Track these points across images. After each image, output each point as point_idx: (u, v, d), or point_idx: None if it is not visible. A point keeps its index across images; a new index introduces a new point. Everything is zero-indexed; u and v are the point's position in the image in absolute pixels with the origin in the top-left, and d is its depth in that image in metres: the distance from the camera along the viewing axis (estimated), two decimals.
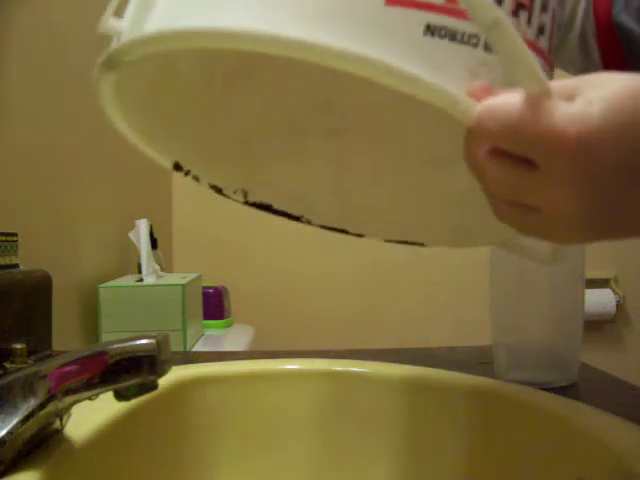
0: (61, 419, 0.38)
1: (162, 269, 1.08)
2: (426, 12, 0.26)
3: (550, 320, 0.56)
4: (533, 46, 0.30)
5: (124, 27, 0.30)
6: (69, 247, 0.89)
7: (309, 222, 0.42)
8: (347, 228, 0.42)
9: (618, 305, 1.73)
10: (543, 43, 0.31)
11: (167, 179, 1.66)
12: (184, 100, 0.37)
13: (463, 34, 0.27)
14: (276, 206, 0.41)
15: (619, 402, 0.51)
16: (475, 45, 0.27)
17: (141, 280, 0.99)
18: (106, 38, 0.32)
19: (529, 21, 0.29)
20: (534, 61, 0.25)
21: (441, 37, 0.27)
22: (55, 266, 0.73)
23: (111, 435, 0.43)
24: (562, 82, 0.27)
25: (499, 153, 0.27)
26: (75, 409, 0.37)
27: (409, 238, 0.42)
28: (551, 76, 0.33)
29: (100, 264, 1.02)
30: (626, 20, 0.45)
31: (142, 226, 1.05)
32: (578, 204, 0.26)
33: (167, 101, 0.36)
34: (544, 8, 0.30)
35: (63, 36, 0.87)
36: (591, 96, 0.25)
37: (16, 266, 0.62)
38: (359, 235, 0.43)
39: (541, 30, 0.30)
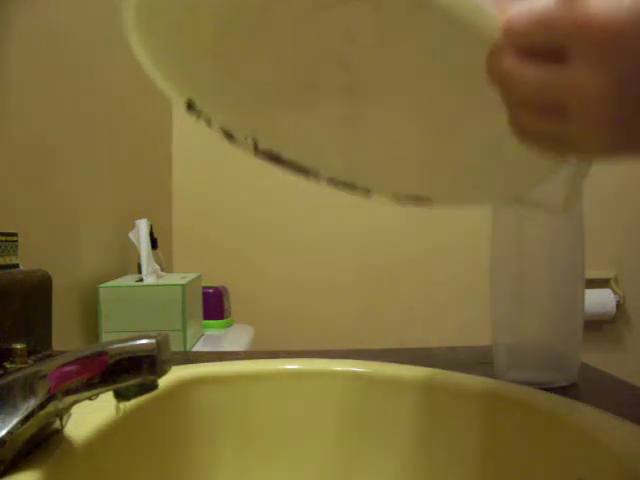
0: (61, 419, 0.38)
1: (162, 269, 1.08)
2: None
3: (550, 320, 0.56)
4: None
5: None
6: (69, 247, 0.89)
7: (316, 176, 0.41)
8: (355, 182, 0.41)
9: (618, 305, 1.73)
10: None
11: (167, 179, 1.66)
12: (203, 41, 0.36)
13: None
14: (285, 156, 0.40)
15: (619, 402, 0.51)
16: None
17: (141, 280, 0.99)
18: (106, 38, 0.33)
19: None
20: None
21: None
22: (55, 266, 0.73)
23: (111, 435, 0.43)
24: None
25: (527, 53, 0.27)
26: (75, 409, 0.37)
27: (417, 193, 0.41)
28: None
29: (100, 264, 1.02)
30: None
31: (142, 226, 1.05)
32: (608, 90, 0.26)
33: (186, 40, 0.36)
34: None
35: (63, 36, 0.87)
36: None
37: (16, 266, 0.62)
38: (366, 190, 0.42)
39: None
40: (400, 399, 0.55)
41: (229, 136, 0.39)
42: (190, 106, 0.38)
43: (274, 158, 0.40)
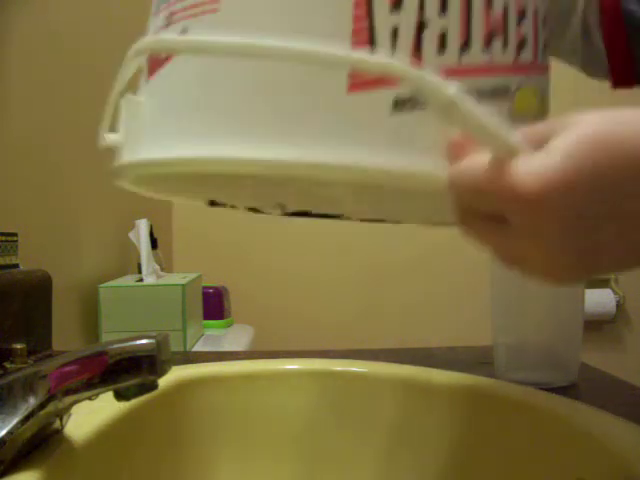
0: (61, 419, 0.38)
1: (162, 269, 1.08)
2: (392, 88, 0.26)
3: (550, 320, 0.56)
4: (514, 66, 0.30)
5: (119, 142, 0.32)
6: (69, 247, 0.89)
7: (349, 218, 0.44)
8: (385, 218, 0.44)
9: (618, 305, 1.73)
10: (526, 55, 0.31)
11: None
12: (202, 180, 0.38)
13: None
14: (314, 211, 0.42)
15: (619, 402, 0.51)
16: None
17: (141, 280, 0.99)
18: (106, 38, 0.33)
19: (505, 44, 0.29)
20: (497, 127, 0.25)
21: (410, 109, 0.27)
22: (55, 266, 0.73)
23: (111, 435, 0.43)
24: (533, 129, 0.27)
25: (476, 214, 0.28)
26: (75, 409, 0.37)
27: (444, 221, 0.43)
28: (543, 82, 0.33)
29: (100, 264, 1.02)
30: (636, 9, 0.45)
31: (142, 226, 1.05)
32: (549, 254, 0.27)
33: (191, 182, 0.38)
34: (521, 17, 0.30)
35: (63, 36, 0.87)
36: (552, 145, 0.25)
37: (16, 266, 0.62)
38: (397, 222, 0.43)
39: (521, 44, 0.30)
40: (400, 399, 0.55)
41: (257, 211, 0.42)
42: (213, 203, 0.40)
43: (305, 214, 0.42)
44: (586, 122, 0.26)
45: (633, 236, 0.27)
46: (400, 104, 0.26)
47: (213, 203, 0.40)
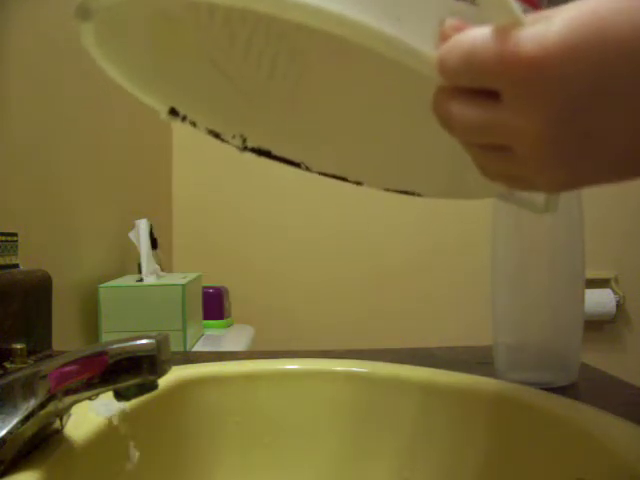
0: (61, 419, 0.38)
1: (162, 269, 1.08)
2: None
3: (550, 320, 0.56)
4: None
5: None
6: (69, 247, 0.89)
7: (308, 169, 0.41)
8: (346, 176, 0.41)
9: (618, 305, 1.73)
10: None
11: (167, 179, 1.66)
12: (177, 44, 0.36)
13: None
14: (275, 152, 0.40)
15: (619, 402, 0.51)
16: None
17: (141, 280, 0.99)
18: None
19: None
20: None
21: None
22: (55, 266, 0.73)
23: (111, 435, 0.43)
24: (537, 13, 0.26)
25: (462, 92, 0.26)
26: (75, 409, 0.37)
27: (407, 187, 0.41)
28: None
29: (100, 264, 1.02)
30: None
31: (142, 226, 1.05)
32: (544, 130, 0.25)
33: (161, 45, 0.35)
34: None
35: (63, 36, 0.87)
36: (554, 16, 0.24)
37: (16, 266, 0.62)
38: (358, 183, 0.42)
39: None
40: (400, 399, 0.55)
41: (216, 136, 0.39)
42: (173, 112, 0.38)
43: (264, 154, 0.40)
44: (588, 1, 0.25)
45: (629, 124, 0.25)
46: None
47: (174, 112, 0.37)
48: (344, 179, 0.42)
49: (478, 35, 0.25)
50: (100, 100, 1.03)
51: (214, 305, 1.30)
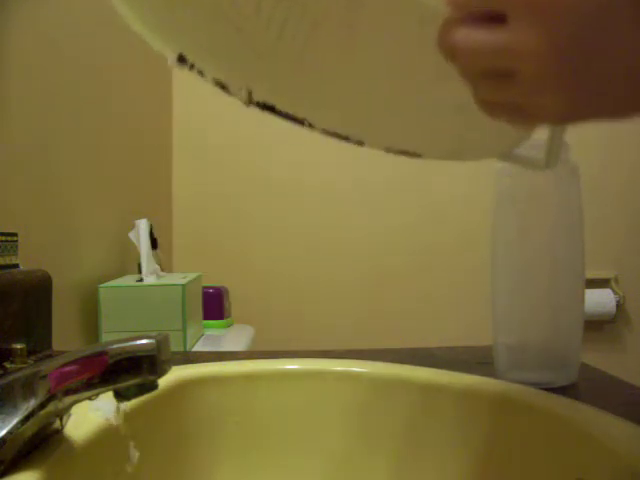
0: (61, 419, 0.38)
1: (162, 269, 1.08)
2: None
3: (550, 320, 0.56)
4: None
5: None
6: (69, 247, 0.89)
7: (311, 125, 0.41)
8: (348, 135, 0.41)
9: (618, 305, 1.73)
10: None
11: (167, 179, 1.66)
12: None
13: None
14: (279, 107, 0.40)
15: (619, 402, 0.51)
16: None
17: (141, 280, 0.99)
18: (106, 39, 0.32)
19: None
20: None
21: None
22: (55, 266, 0.73)
23: (111, 435, 0.43)
24: None
25: (468, 20, 0.27)
26: (75, 409, 0.37)
27: (409, 148, 0.41)
28: None
29: (100, 264, 1.02)
30: None
31: (142, 226, 1.05)
32: (549, 47, 0.25)
33: None
34: None
35: (63, 36, 0.87)
36: None
37: (16, 266, 0.62)
38: (359, 142, 0.42)
39: None
40: (400, 399, 0.55)
41: (223, 87, 0.39)
42: (181, 59, 0.37)
43: (268, 109, 0.40)
44: None
45: (636, 44, 0.25)
46: None
47: (182, 59, 0.37)
48: (346, 138, 0.42)
49: None
50: (100, 100, 1.03)
51: (214, 305, 1.30)
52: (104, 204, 1.06)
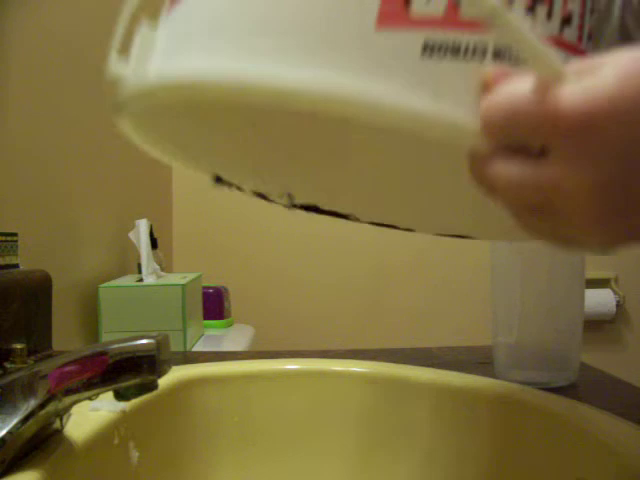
0: (61, 419, 0.38)
1: (162, 269, 1.08)
2: (423, 29, 0.24)
3: (550, 320, 0.56)
4: (556, 41, 0.28)
5: (128, 71, 0.29)
6: (69, 247, 0.89)
7: (357, 220, 0.41)
8: (395, 224, 0.41)
9: (618, 305, 1.73)
10: (569, 34, 0.28)
11: (167, 179, 1.66)
12: (213, 126, 0.35)
13: (467, 48, 0.25)
14: (323, 207, 0.40)
15: (619, 402, 0.51)
16: (483, 56, 0.25)
17: (141, 280, 0.99)
18: (106, 38, 0.32)
19: (549, 15, 0.27)
20: (541, 45, 0.23)
21: (441, 56, 0.25)
22: (55, 266, 0.73)
23: (111, 435, 0.43)
24: (581, 62, 0.25)
25: (502, 154, 0.25)
26: (75, 409, 0.37)
27: (461, 232, 0.41)
28: None
29: (100, 264, 1.02)
30: None
31: (142, 226, 1.05)
32: (595, 184, 0.24)
33: (197, 125, 0.35)
34: None
35: (64, 35, 0.87)
36: (601, 69, 0.23)
37: (16, 266, 0.62)
38: (409, 229, 0.41)
39: (566, 21, 0.28)
40: (400, 399, 0.55)
41: (264, 197, 0.39)
42: (219, 179, 0.38)
43: (312, 209, 0.39)
44: (634, 51, 0.23)
45: None
46: (432, 48, 0.24)
47: (219, 180, 0.38)
48: (395, 227, 0.42)
49: (519, 91, 0.24)
50: (100, 100, 1.03)
51: (214, 305, 1.30)
52: (104, 204, 1.06)
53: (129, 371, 0.34)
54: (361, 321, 1.70)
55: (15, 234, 0.63)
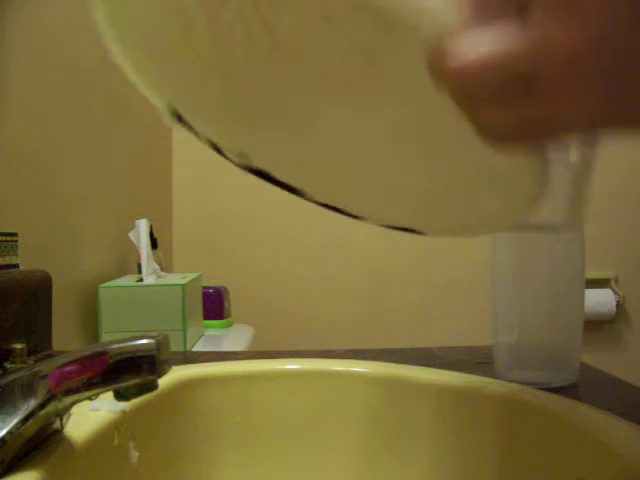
0: (61, 419, 0.38)
1: (162, 269, 1.08)
2: None
3: (550, 320, 0.56)
4: None
5: None
6: (69, 247, 0.89)
7: (309, 198, 0.39)
8: (346, 208, 0.39)
9: (618, 305, 1.73)
10: None
11: (167, 179, 1.66)
12: (189, 42, 0.32)
13: None
14: (277, 176, 0.38)
15: (619, 402, 0.51)
16: None
17: (141, 280, 0.99)
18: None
19: None
20: None
21: None
22: (55, 266, 0.74)
23: (111, 435, 0.43)
24: None
25: (480, 27, 0.22)
26: (75, 409, 0.37)
27: (409, 225, 0.39)
28: None
29: (100, 264, 1.02)
30: None
31: (142, 226, 1.05)
32: (586, 48, 0.21)
33: (169, 41, 0.32)
34: None
35: (64, 35, 0.87)
36: None
37: (16, 266, 0.62)
38: (356, 217, 0.39)
39: None
40: (400, 399, 0.55)
41: (218, 150, 0.37)
42: (178, 117, 0.36)
43: (266, 176, 0.38)
44: None
45: None
46: None
47: (179, 118, 0.35)
48: (345, 213, 0.40)
49: None
50: (100, 100, 1.03)
51: (214, 305, 1.30)
52: (104, 204, 1.06)
53: (129, 371, 0.34)
54: (361, 321, 1.70)
55: (15, 234, 0.63)
